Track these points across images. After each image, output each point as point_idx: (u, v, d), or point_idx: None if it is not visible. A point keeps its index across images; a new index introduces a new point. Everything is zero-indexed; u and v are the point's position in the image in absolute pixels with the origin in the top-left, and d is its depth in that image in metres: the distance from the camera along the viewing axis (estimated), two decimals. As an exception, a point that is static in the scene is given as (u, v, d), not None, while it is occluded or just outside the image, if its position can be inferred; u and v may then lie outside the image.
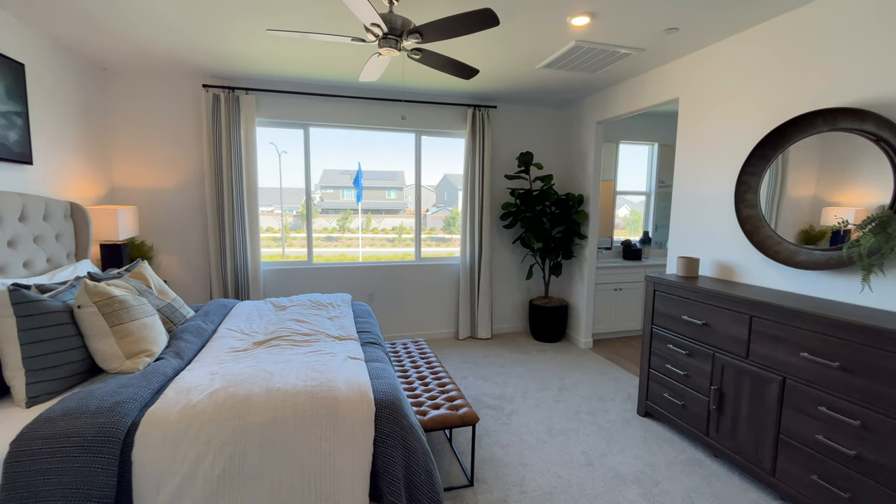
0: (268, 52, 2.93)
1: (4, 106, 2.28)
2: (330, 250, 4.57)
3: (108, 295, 1.80)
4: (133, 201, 3.53)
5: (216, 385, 1.59)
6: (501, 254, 4.50)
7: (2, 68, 2.26)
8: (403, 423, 1.60)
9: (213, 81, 3.55)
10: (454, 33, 1.96)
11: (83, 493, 1.26)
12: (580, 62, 3.01)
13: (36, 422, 1.34)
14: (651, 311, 2.70)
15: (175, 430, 1.39)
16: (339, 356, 1.96)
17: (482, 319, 4.30)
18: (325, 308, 2.79)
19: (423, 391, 2.30)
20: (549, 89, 3.78)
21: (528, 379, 3.34)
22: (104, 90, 3.34)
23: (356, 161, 4.29)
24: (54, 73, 2.75)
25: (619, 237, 4.93)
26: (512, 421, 2.69)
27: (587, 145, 4.06)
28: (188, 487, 1.35)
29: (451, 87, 3.74)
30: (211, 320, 2.43)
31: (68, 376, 1.66)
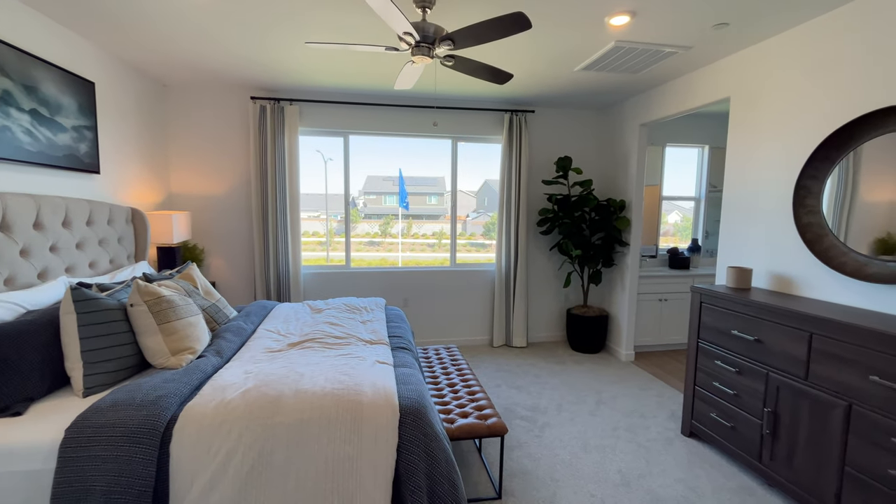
0: (308, 64, 3.05)
1: (77, 121, 2.51)
2: (371, 255, 4.66)
3: (158, 295, 1.92)
4: (187, 207, 3.78)
5: (249, 384, 1.65)
6: (538, 261, 4.40)
7: (75, 87, 2.49)
8: (427, 430, 1.58)
9: (260, 94, 3.74)
10: (486, 38, 1.94)
11: (125, 480, 1.34)
12: (621, 63, 2.90)
13: (88, 411, 1.44)
14: (697, 325, 2.53)
15: (209, 425, 1.46)
16: (368, 360, 1.98)
17: (517, 327, 4.21)
18: (359, 312, 2.84)
19: (452, 398, 2.28)
20: (589, 92, 3.67)
21: (563, 390, 3.23)
22: (163, 104, 3.61)
23: (398, 167, 4.37)
24: (120, 90, 3.01)
25: (666, 245, 4.69)
26: (545, 433, 2.60)
27: (629, 149, 3.90)
28: (219, 481, 1.41)
29: (487, 92, 3.72)
30: (251, 321, 2.54)
31: (120, 370, 1.78)
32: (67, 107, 2.43)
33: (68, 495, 1.33)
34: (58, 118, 2.36)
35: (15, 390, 1.54)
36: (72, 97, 2.47)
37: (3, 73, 2.03)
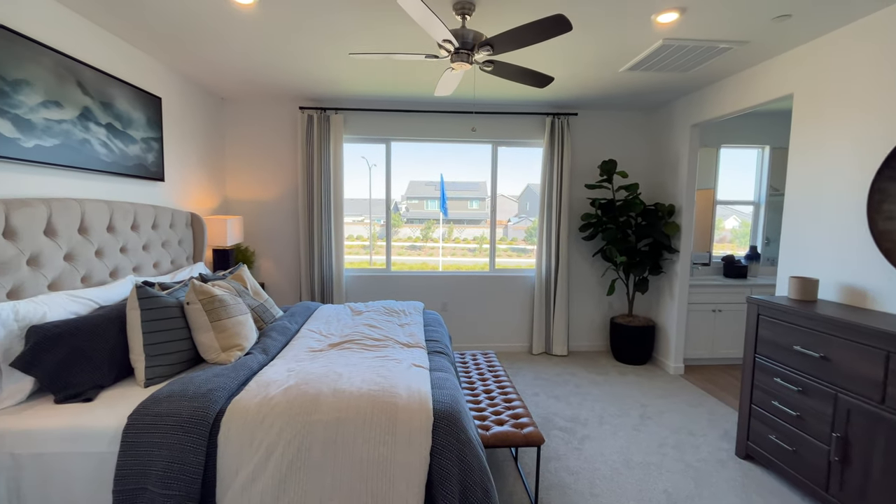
0: (352, 74, 3.16)
1: (146, 133, 2.75)
2: (413, 259, 4.74)
3: (211, 294, 2.05)
4: (240, 211, 4.01)
5: (291, 382, 1.72)
6: (580, 267, 4.28)
7: (145, 102, 2.73)
8: (461, 436, 1.57)
9: (308, 104, 3.92)
10: (526, 42, 1.93)
11: (177, 467, 1.43)
12: (669, 62, 2.77)
13: (148, 400, 1.56)
14: (754, 338, 2.36)
15: (253, 419, 1.53)
16: (405, 363, 2.01)
17: (558, 335, 4.11)
18: (397, 315, 2.88)
19: (487, 405, 2.25)
20: (635, 93, 3.54)
21: (605, 402, 3.11)
22: (221, 116, 3.87)
23: (440, 172, 4.42)
24: (183, 104, 3.25)
25: (721, 252, 4.41)
26: (584, 446, 2.51)
27: (679, 151, 3.71)
28: (261, 473, 1.47)
29: (528, 96, 3.69)
30: (295, 321, 2.64)
31: (177, 363, 1.91)
32: (138, 120, 2.67)
33: (129, 477, 1.44)
34: (129, 131, 2.59)
35: (87, 378, 1.69)
36: (142, 111, 2.70)
37: (84, 91, 2.25)
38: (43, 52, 2.00)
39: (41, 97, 2.00)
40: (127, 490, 1.43)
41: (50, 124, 2.05)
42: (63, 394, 1.63)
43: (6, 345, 1.59)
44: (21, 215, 1.83)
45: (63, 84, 2.12)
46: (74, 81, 2.19)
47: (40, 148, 2.00)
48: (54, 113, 2.08)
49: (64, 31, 2.17)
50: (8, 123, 1.84)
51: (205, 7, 2.16)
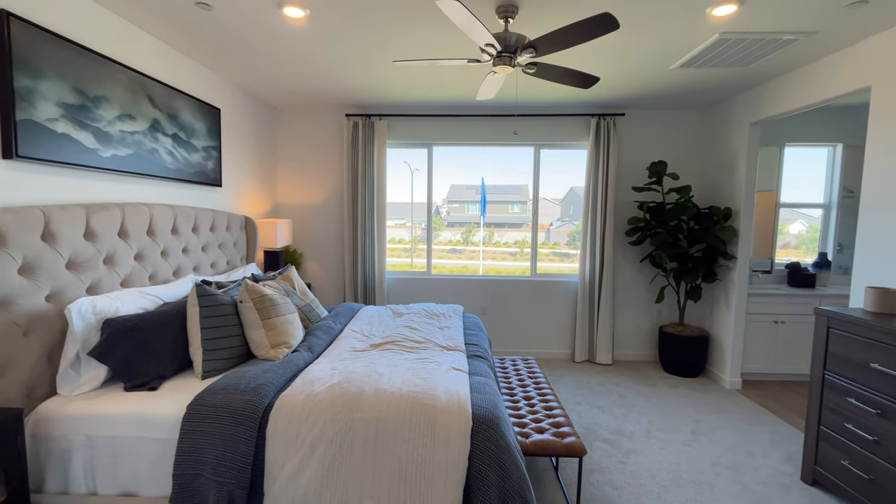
0: (395, 81, 3.23)
1: (206, 142, 2.95)
2: (453, 262, 4.76)
3: (262, 294, 2.16)
4: (289, 215, 4.20)
5: (334, 380, 1.77)
6: (626, 273, 4.11)
7: (206, 113, 2.93)
8: (500, 442, 1.56)
9: (353, 111, 4.04)
10: (570, 43, 1.89)
11: (229, 456, 1.52)
12: (727, 56, 2.62)
13: (204, 392, 1.66)
14: (823, 354, 2.16)
15: (298, 415, 1.59)
16: (444, 366, 2.01)
17: (602, 343, 3.97)
18: (437, 318, 2.90)
19: (527, 412, 2.21)
20: (688, 90, 3.37)
21: (653, 415, 2.96)
22: (273, 124, 4.08)
23: (481, 176, 4.42)
24: (240, 114, 3.46)
25: (785, 258, 4.09)
26: (629, 460, 2.40)
27: (737, 150, 3.48)
28: (305, 467, 1.53)
29: (572, 97, 3.60)
30: (339, 321, 2.73)
31: (231, 358, 2.03)
32: (199, 130, 2.87)
33: (186, 463, 1.54)
34: (192, 140, 2.79)
35: (152, 369, 1.83)
36: (203, 122, 2.90)
37: (153, 104, 2.46)
38: (119, 69, 2.20)
39: (117, 111, 2.20)
40: (185, 475, 1.53)
41: (124, 135, 2.25)
42: (131, 382, 1.78)
43: (85, 336, 1.75)
44: (99, 218, 2.01)
45: (136, 98, 2.32)
46: (146, 96, 2.40)
47: (116, 157, 2.20)
48: (128, 125, 2.27)
49: (137, 49, 2.38)
50: (90, 135, 2.04)
51: (260, 23, 2.29)
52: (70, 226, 1.86)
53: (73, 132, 1.95)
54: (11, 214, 1.62)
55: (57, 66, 1.87)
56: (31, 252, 1.70)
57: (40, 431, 1.62)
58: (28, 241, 1.68)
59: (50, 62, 1.84)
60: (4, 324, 1.60)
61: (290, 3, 2.08)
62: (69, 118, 1.93)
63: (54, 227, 1.79)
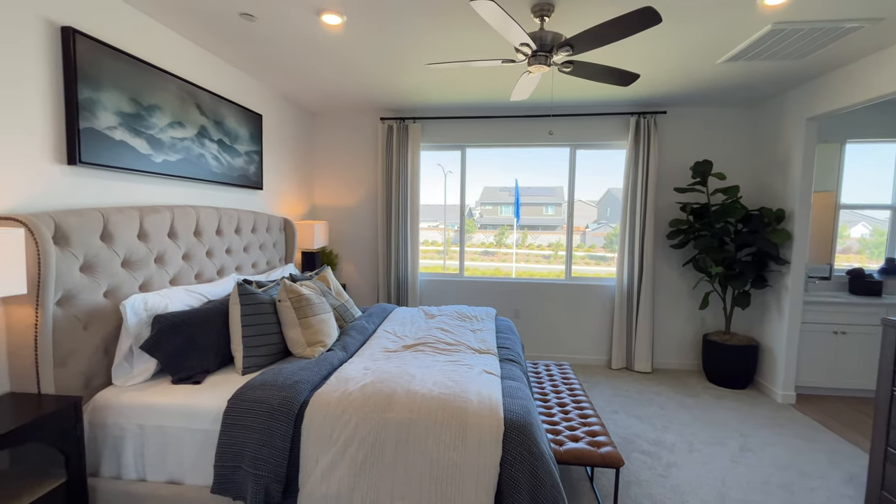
0: (429, 84, 3.25)
1: (249, 147, 3.07)
2: (486, 264, 4.73)
3: (299, 293, 2.22)
4: (325, 217, 4.31)
5: (367, 379, 1.79)
6: (667, 277, 3.94)
7: (248, 119, 3.06)
8: (533, 449, 1.52)
9: (388, 114, 4.10)
10: (610, 39, 1.83)
11: (266, 450, 1.56)
12: (780, 48, 2.46)
13: (244, 387, 1.73)
14: (892, 369, 1.98)
15: (332, 412, 1.62)
16: (476, 369, 1.99)
17: (641, 350, 3.82)
18: (470, 320, 2.89)
19: (561, 419, 2.16)
20: (735, 86, 3.19)
21: (696, 427, 2.81)
22: (310, 128, 4.20)
23: (514, 178, 4.38)
24: (280, 119, 3.59)
25: (846, 264, 3.79)
26: (670, 474, 2.29)
27: (791, 148, 3.26)
28: (338, 464, 1.55)
29: (610, 95, 3.50)
30: (373, 321, 2.76)
31: (269, 354, 2.09)
32: (242, 136, 2.99)
33: (227, 455, 1.60)
34: (235, 145, 2.92)
35: (198, 363, 1.92)
36: (246, 128, 3.03)
37: (201, 112, 2.59)
38: (171, 79, 2.34)
39: (169, 119, 2.33)
40: (225, 466, 1.59)
41: (175, 142, 2.38)
42: (178, 375, 1.87)
43: (137, 330, 1.86)
44: (151, 220, 2.14)
45: (185, 107, 2.46)
46: (194, 104, 2.53)
47: (167, 162, 2.33)
48: (178, 132, 2.41)
49: (186, 60, 2.51)
50: (144, 142, 2.18)
51: (299, 31, 2.37)
52: (125, 227, 1.98)
53: (129, 139, 2.09)
54: (75, 216, 1.75)
55: (115, 78, 2.00)
56: (92, 251, 1.82)
57: (97, 419, 1.73)
58: (89, 241, 1.81)
59: (109, 74, 1.97)
60: (67, 318, 1.73)
61: (328, 10, 2.14)
62: (126, 126, 2.07)
63: (112, 228, 1.91)
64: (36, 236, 1.58)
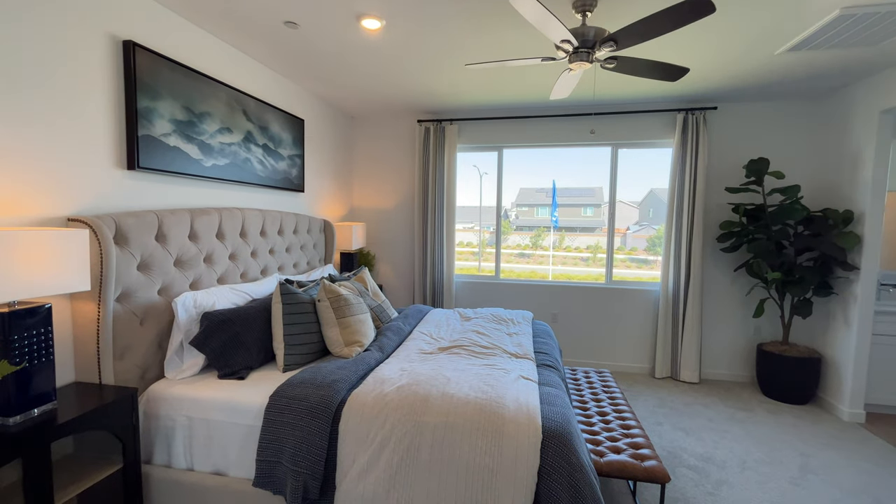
0: (466, 85, 3.23)
1: (291, 151, 3.17)
2: (521, 266, 4.66)
3: (337, 293, 2.26)
4: (363, 219, 4.39)
5: (403, 381, 1.79)
6: (717, 282, 3.72)
7: (291, 124, 3.16)
8: (573, 459, 1.46)
9: (425, 116, 4.12)
10: (657, 33, 1.75)
11: (305, 447, 1.59)
12: (849, 35, 2.26)
13: (285, 384, 1.77)
14: (983, 388, 1.76)
15: (369, 413, 1.63)
16: (512, 374, 1.95)
17: (687, 359, 3.62)
18: (506, 324, 2.84)
19: (602, 429, 2.07)
20: (797, 78, 2.96)
21: (748, 444, 2.63)
22: (350, 132, 4.29)
23: (552, 178, 4.29)
24: (321, 123, 3.69)
25: (922, 271, 3.43)
26: (720, 492, 2.15)
27: (862, 144, 2.99)
28: (373, 466, 1.55)
29: (656, 91, 3.35)
30: (409, 322, 2.77)
31: (309, 353, 2.14)
32: (285, 140, 3.10)
33: (268, 450, 1.64)
34: (279, 150, 3.02)
35: (242, 359, 2.00)
36: (289, 132, 3.13)
37: (247, 118, 2.69)
38: (220, 87, 2.45)
39: (218, 125, 2.44)
40: (266, 461, 1.64)
41: (223, 147, 2.49)
42: (224, 371, 1.95)
43: (187, 326, 1.96)
44: (201, 221, 2.24)
45: (233, 113, 2.57)
46: (241, 110, 2.64)
47: (216, 166, 2.44)
48: (226, 137, 2.52)
49: (234, 68, 2.63)
50: (195, 147, 2.29)
51: (341, 36, 2.42)
52: (178, 228, 2.09)
53: (182, 145, 2.20)
54: (133, 218, 1.86)
55: (170, 88, 2.12)
56: (147, 251, 1.93)
57: (151, 409, 1.83)
58: (145, 241, 1.92)
59: (165, 84, 2.09)
60: (125, 313, 1.84)
61: (368, 15, 2.17)
62: (179, 133, 2.18)
63: (165, 229, 2.02)
64: (99, 237, 1.69)
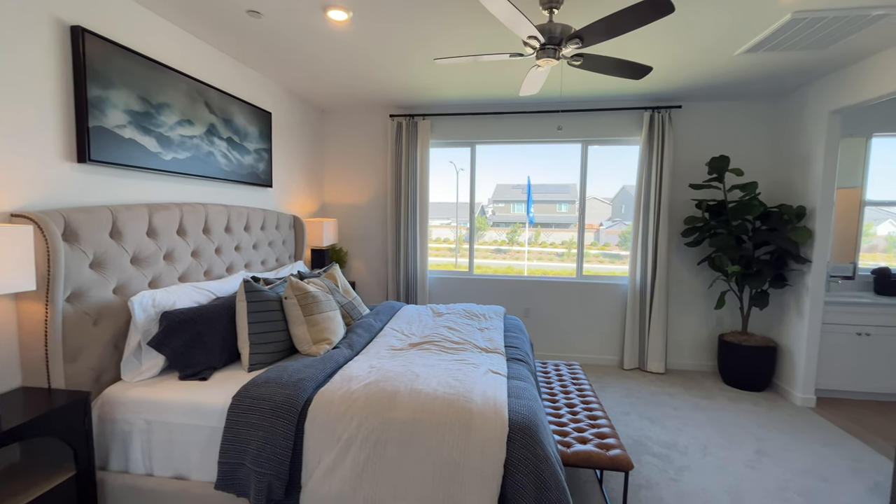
0: (438, 80, 3.21)
1: (258, 144, 3.09)
2: (498, 262, 4.69)
3: (305, 290, 2.22)
4: (335, 214, 4.32)
5: (371, 378, 1.78)
6: (681, 276, 3.84)
7: (258, 117, 3.07)
8: (538, 451, 1.49)
9: (397, 111, 4.08)
10: (620, 31, 1.78)
11: (269, 448, 1.56)
12: (801, 38, 2.36)
13: (248, 384, 1.73)
14: (918, 372, 1.88)
15: (335, 411, 1.61)
16: (481, 368, 1.97)
17: (654, 350, 3.74)
18: (478, 319, 2.85)
19: (570, 420, 2.11)
20: (754, 78, 3.08)
21: (710, 430, 2.74)
22: (320, 126, 4.21)
23: (527, 175, 4.32)
24: (289, 117, 3.60)
25: (872, 263, 3.65)
26: (682, 478, 2.23)
27: (813, 143, 3.14)
28: (340, 464, 1.54)
29: (623, 89, 3.42)
30: (380, 319, 2.75)
31: (275, 352, 2.10)
32: (252, 134, 3.01)
33: (231, 452, 1.60)
34: (245, 143, 2.93)
35: (204, 359, 1.93)
36: (255, 126, 3.04)
37: (210, 110, 2.60)
38: (180, 78, 2.35)
39: (178, 117, 2.35)
40: (229, 463, 1.60)
41: (184, 140, 2.40)
42: (185, 372, 1.88)
43: (146, 326, 1.88)
44: (160, 217, 2.16)
45: (194, 105, 2.47)
46: (203, 102, 2.54)
47: (176, 160, 2.35)
48: (187, 130, 2.42)
49: (195, 58, 2.53)
50: (153, 140, 2.19)
51: (306, 27, 2.36)
52: (135, 224, 2.00)
53: (138, 137, 2.10)
54: (84, 214, 1.77)
55: (124, 77, 2.02)
56: (101, 248, 1.84)
57: (106, 414, 1.75)
58: (98, 238, 1.83)
59: (118, 73, 1.99)
60: (77, 314, 1.75)
61: (334, 6, 2.12)
62: (135, 124, 2.08)
63: (121, 226, 1.93)
64: (45, 233, 1.60)
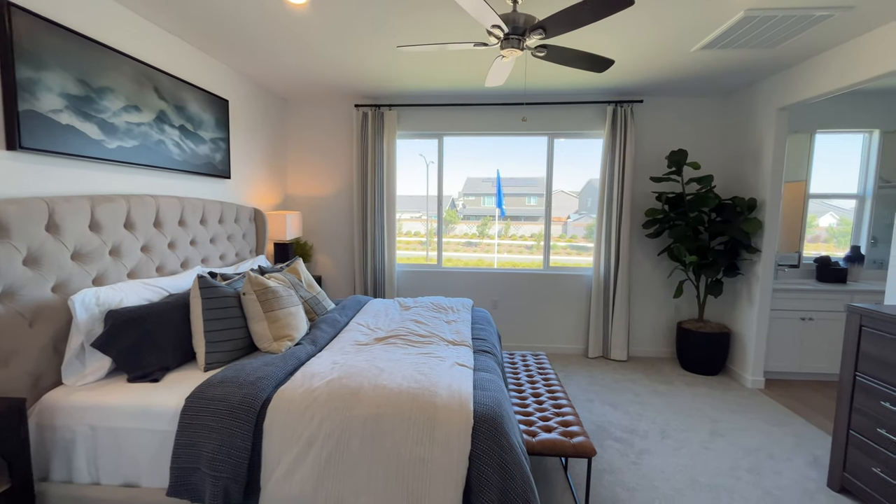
0: (402, 70, 3.15)
1: (214, 133, 2.94)
2: (468, 255, 4.69)
3: (265, 286, 2.14)
4: (300, 207, 4.19)
5: (334, 374, 1.73)
6: (643, 266, 3.97)
7: (213, 105, 2.92)
8: (503, 441, 1.49)
9: (363, 101, 3.99)
10: (581, 22, 1.78)
11: (225, 450, 1.50)
12: (753, 36, 2.45)
13: (203, 384, 1.65)
14: (855, 354, 2.02)
15: (296, 410, 1.56)
16: (448, 361, 1.96)
17: (617, 339, 3.85)
18: (445, 312, 2.85)
19: (535, 409, 2.15)
20: (711, 75, 3.19)
21: (668, 414, 2.85)
22: (283, 116, 4.06)
23: (496, 168, 4.32)
24: (249, 105, 3.45)
25: (814, 252, 3.88)
26: (642, 461, 2.31)
27: (763, 138, 3.30)
28: (301, 463, 1.49)
29: (587, 83, 3.47)
30: (346, 314, 2.70)
31: (234, 350, 2.01)
32: (207, 122, 2.86)
33: (183, 456, 1.53)
34: (199, 132, 2.79)
35: (155, 360, 1.83)
36: (211, 114, 2.89)
37: (160, 96, 2.45)
38: (124, 60, 2.19)
39: (123, 102, 2.19)
40: (182, 468, 1.52)
41: (130, 127, 2.25)
42: (134, 373, 1.78)
43: (89, 326, 1.76)
44: (104, 210, 2.01)
45: (142, 90, 2.32)
46: (152, 87, 2.39)
47: (122, 149, 2.20)
48: (134, 116, 2.27)
49: (142, 40, 2.36)
50: (94, 127, 2.04)
51: (261, 10, 2.25)
52: (74, 217, 1.86)
53: (77, 123, 1.95)
54: (14, 205, 1.62)
55: (60, 57, 1.86)
56: (36, 243, 1.70)
57: (45, 421, 1.63)
58: (32, 232, 1.69)
59: (53, 53, 1.83)
60: (9, 314, 1.61)
61: (292, -12, 2.03)
62: (73, 109, 1.93)
63: (58, 219, 1.79)
64: (-32, 227, 1.46)
